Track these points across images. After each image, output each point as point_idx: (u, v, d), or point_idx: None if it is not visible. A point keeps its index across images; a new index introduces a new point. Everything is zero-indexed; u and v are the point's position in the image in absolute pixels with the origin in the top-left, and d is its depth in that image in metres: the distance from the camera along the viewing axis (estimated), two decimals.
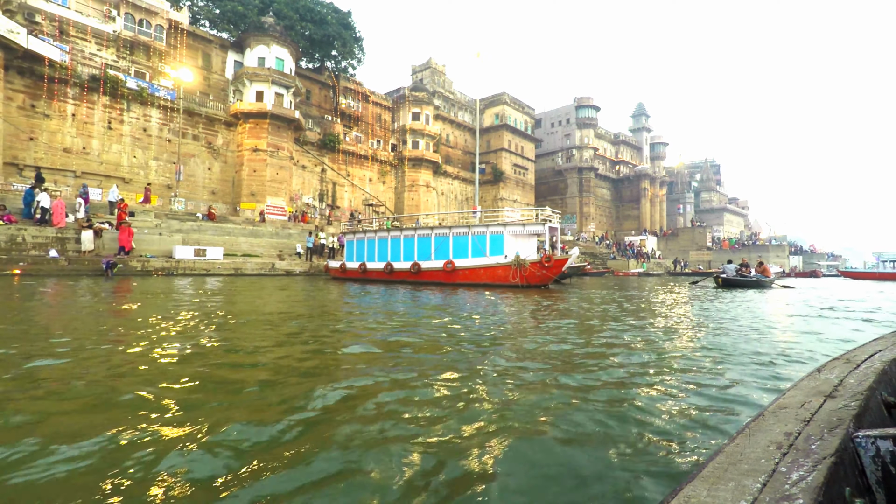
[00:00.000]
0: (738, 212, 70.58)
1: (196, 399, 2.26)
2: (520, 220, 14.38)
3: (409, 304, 7.86)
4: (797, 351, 3.85)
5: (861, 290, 15.46)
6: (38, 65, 20.13)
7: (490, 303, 8.39)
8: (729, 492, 0.64)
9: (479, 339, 4.28)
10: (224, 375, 2.76)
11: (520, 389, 2.52)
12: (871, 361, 1.37)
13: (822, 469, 0.67)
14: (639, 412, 2.15)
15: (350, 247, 18.09)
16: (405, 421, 1.98)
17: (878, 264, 32.08)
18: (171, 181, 24.68)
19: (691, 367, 3.17)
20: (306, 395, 2.33)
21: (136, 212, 16.83)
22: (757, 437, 0.85)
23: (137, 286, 9.98)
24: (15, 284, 9.68)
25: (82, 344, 3.59)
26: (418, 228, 15.85)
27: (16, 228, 12.64)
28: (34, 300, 7.11)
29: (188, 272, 15.07)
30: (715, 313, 6.91)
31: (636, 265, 35.78)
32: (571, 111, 53.45)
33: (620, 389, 2.53)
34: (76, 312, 5.73)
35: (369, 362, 3.19)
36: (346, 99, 35.34)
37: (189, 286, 10.41)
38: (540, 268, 12.48)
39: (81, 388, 2.41)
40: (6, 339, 3.69)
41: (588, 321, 5.77)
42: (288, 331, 4.61)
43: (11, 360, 2.98)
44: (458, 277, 14.17)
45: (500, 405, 2.22)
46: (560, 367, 3.09)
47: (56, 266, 12.25)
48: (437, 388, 2.51)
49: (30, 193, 14.39)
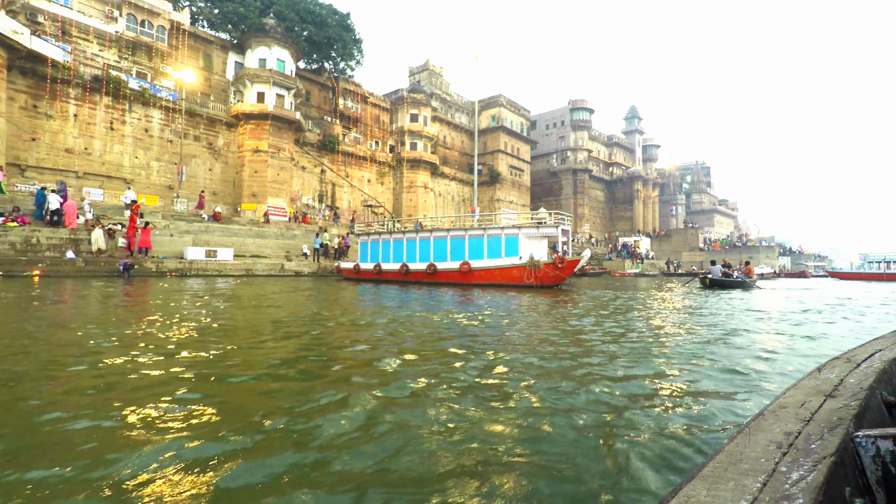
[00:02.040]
0: (728, 213, 71.94)
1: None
2: (534, 223, 14.85)
3: (476, 305, 8.17)
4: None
5: (859, 290, 15.91)
6: (40, 65, 20.08)
7: (546, 303, 8.72)
8: (729, 491, 0.64)
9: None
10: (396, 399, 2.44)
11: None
12: (872, 361, 1.38)
13: (822, 469, 0.68)
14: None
15: (364, 248, 18.45)
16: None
17: (863, 265, 33.08)
18: (172, 182, 24.70)
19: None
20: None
21: (143, 212, 16.91)
22: (757, 436, 0.86)
23: (165, 287, 10.13)
24: (36, 284, 9.82)
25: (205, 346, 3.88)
26: (434, 230, 16.26)
27: (30, 230, 12.72)
28: (82, 302, 7.30)
29: (201, 273, 15.24)
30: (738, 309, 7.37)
31: (631, 266, 36.46)
32: (566, 113, 54.16)
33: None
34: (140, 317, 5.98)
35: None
36: (346, 100, 35.51)
37: (216, 288, 10.58)
38: (553, 268, 12.97)
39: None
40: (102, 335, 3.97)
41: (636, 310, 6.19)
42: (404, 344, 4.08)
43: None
44: (474, 278, 14.57)
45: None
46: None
47: (74, 267, 12.35)
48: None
49: (41, 195, 14.45)
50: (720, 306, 8.37)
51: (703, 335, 4.79)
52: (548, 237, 14.04)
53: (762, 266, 36.71)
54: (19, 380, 2.61)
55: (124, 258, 13.22)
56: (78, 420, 1.96)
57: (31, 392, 2.38)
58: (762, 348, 4.08)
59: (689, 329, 5.25)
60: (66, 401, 2.25)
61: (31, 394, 2.35)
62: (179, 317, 5.41)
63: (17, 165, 19.95)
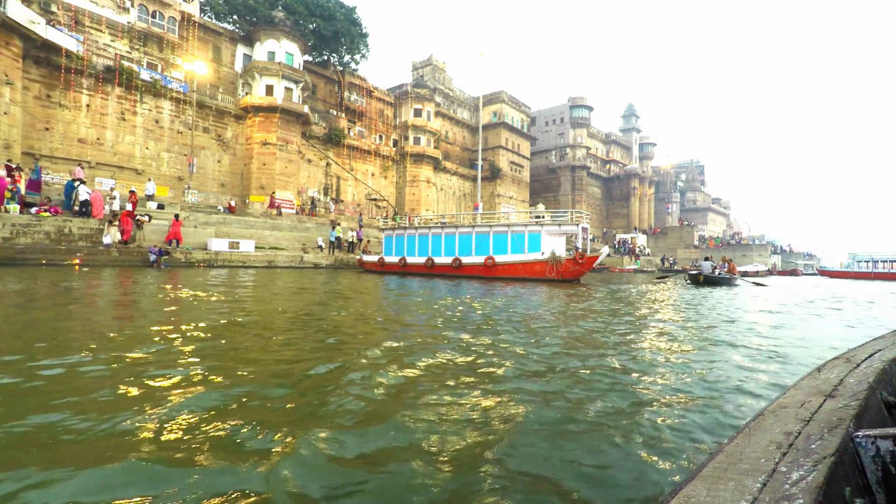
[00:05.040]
0: (721, 211, 73.30)
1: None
2: (556, 221, 15.61)
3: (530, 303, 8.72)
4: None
5: (859, 288, 16.74)
6: (54, 55, 20.12)
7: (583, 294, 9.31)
8: (729, 491, 0.64)
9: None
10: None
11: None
12: (871, 361, 1.38)
13: (822, 469, 0.67)
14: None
15: (389, 242, 19.19)
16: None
17: (852, 264, 34.27)
18: (181, 173, 24.87)
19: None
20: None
21: (164, 204, 17.19)
22: (757, 436, 0.86)
23: (202, 279, 10.50)
24: (76, 273, 10.16)
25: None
26: (459, 227, 16.97)
27: (62, 219, 13.00)
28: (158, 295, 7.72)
29: (226, 264, 15.61)
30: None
31: (630, 262, 37.34)
32: (566, 110, 54.74)
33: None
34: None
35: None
36: (351, 94, 35.71)
37: (252, 278, 11.01)
38: (574, 263, 13.71)
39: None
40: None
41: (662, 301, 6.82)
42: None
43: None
44: (498, 272, 15.30)
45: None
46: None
47: (109, 256, 12.68)
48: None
49: (70, 186, 14.69)
50: (739, 303, 9.05)
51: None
52: (567, 234, 14.77)
53: (756, 264, 37.79)
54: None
55: (154, 247, 13.56)
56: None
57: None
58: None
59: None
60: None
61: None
62: (282, 308, 5.75)
63: (31, 155, 20.03)
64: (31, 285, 7.13)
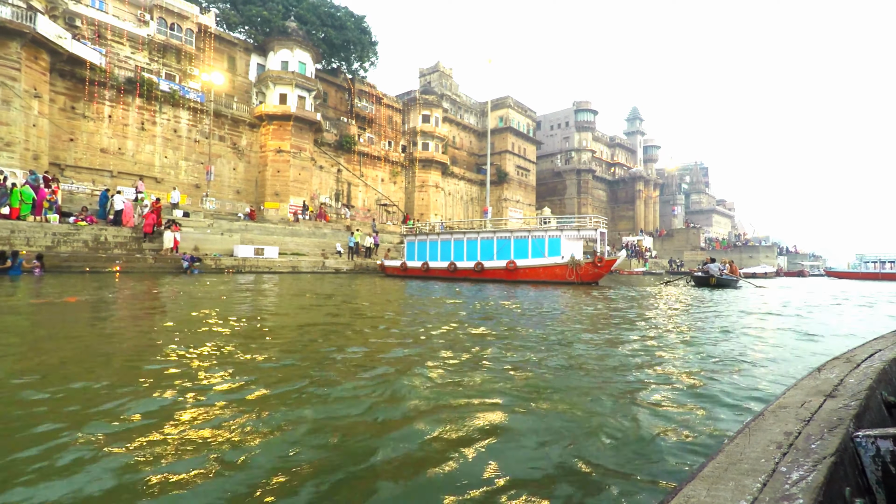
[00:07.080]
0: (726, 213, 73.54)
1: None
2: (575, 226, 16.17)
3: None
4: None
5: (872, 289, 17.01)
6: (78, 68, 20.68)
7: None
8: (729, 491, 0.65)
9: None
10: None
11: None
12: (872, 361, 1.38)
13: (822, 469, 0.68)
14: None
15: (411, 247, 19.87)
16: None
17: (859, 265, 34.44)
18: (199, 181, 25.38)
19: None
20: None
21: (189, 212, 17.66)
22: (757, 436, 0.86)
23: (242, 285, 10.90)
24: (117, 281, 10.57)
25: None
26: (481, 232, 17.59)
27: (97, 228, 13.47)
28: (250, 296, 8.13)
29: (253, 270, 16.04)
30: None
31: (637, 264, 37.64)
32: (570, 114, 55.21)
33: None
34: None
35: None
36: (361, 101, 36.27)
37: (290, 283, 11.41)
38: (593, 267, 14.16)
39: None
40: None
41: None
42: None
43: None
44: (520, 275, 15.83)
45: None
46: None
47: (145, 264, 13.12)
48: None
49: (104, 196, 15.17)
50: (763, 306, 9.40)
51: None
52: (585, 239, 15.27)
53: (764, 265, 38.03)
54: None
55: (186, 254, 14.01)
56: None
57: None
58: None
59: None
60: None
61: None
62: (330, 312, 6.19)
63: (57, 165, 20.56)
64: (111, 293, 7.53)
